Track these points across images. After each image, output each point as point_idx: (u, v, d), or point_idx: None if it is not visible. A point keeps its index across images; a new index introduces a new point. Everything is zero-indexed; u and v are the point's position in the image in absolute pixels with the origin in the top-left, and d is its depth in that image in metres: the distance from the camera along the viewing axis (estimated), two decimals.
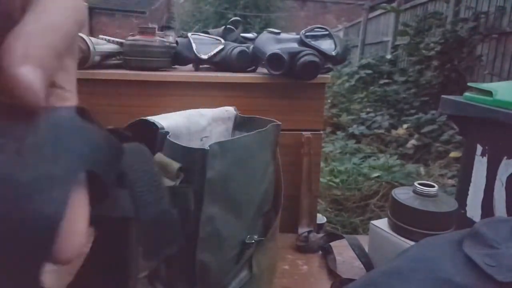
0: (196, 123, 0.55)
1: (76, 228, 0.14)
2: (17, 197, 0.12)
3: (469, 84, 0.92)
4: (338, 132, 3.70)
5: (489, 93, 0.83)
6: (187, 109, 0.57)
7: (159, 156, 0.45)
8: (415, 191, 0.64)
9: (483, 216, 0.85)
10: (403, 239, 0.63)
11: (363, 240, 0.73)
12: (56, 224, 0.12)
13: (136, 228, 0.20)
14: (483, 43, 3.53)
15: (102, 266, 0.21)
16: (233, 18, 1.13)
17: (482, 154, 0.86)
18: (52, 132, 0.14)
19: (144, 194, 0.20)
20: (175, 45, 0.90)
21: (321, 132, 0.88)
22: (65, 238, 0.13)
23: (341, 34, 8.02)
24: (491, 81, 3.12)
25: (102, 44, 0.88)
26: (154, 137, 0.48)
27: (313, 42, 0.83)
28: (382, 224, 0.68)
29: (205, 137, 0.57)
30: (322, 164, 2.39)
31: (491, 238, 0.42)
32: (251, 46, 0.91)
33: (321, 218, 1.06)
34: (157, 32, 0.86)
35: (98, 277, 0.21)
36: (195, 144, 0.55)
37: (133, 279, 0.22)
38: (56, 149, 0.14)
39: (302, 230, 0.80)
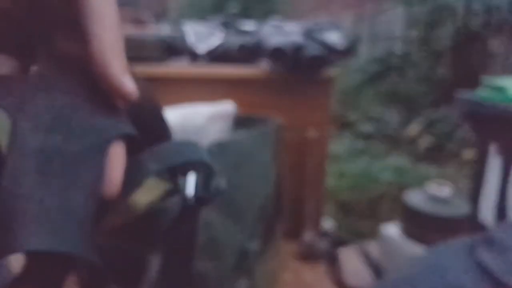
0: (191, 121, 0.53)
1: (115, 174, 0.19)
2: (71, 163, 0.18)
3: (482, 78, 0.92)
4: (346, 131, 3.69)
5: (502, 89, 0.83)
6: (184, 105, 0.56)
7: None
8: (427, 194, 0.64)
9: (496, 218, 0.86)
10: (414, 243, 0.62)
11: (372, 246, 0.72)
12: (99, 179, 0.18)
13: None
14: (496, 38, 3.52)
15: None
16: (233, 10, 1.12)
17: (496, 154, 0.86)
18: (91, 115, 0.19)
19: None
20: (170, 37, 0.89)
21: (328, 130, 0.87)
22: (108, 182, 0.19)
23: (348, 26, 7.99)
24: (504, 75, 3.10)
25: None
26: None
27: (319, 35, 0.81)
28: (392, 228, 0.67)
29: (202, 136, 0.56)
30: (328, 165, 2.38)
31: (507, 245, 0.43)
32: (252, 39, 0.89)
33: (326, 223, 1.05)
34: (152, 23, 0.86)
35: None
36: None
37: None
38: (94, 126, 0.19)
39: (306, 236, 0.78)
